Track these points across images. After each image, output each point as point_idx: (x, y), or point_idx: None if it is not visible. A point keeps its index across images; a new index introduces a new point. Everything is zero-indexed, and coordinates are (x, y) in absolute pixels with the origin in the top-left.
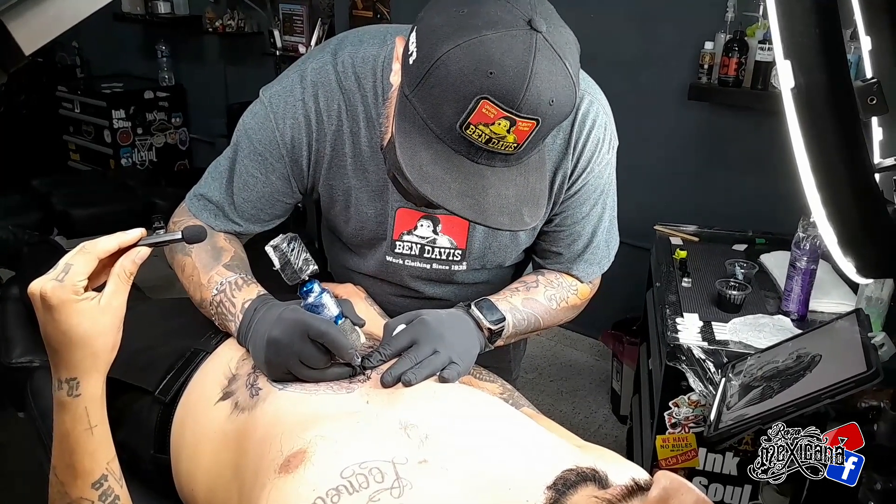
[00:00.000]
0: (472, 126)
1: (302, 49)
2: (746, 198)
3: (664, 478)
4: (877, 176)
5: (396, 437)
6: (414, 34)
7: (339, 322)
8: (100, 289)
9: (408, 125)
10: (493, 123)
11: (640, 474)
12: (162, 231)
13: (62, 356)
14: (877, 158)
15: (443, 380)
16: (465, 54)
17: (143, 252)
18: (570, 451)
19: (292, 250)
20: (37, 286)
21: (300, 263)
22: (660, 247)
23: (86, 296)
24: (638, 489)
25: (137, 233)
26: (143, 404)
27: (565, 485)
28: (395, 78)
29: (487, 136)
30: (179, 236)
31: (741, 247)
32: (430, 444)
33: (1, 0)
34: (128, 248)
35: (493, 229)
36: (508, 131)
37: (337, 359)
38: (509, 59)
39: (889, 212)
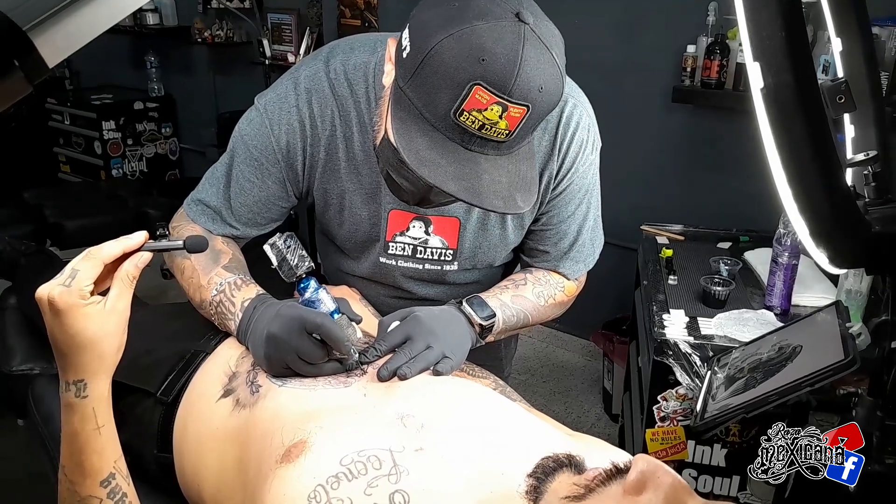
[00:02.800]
0: (465, 113)
1: (291, 58)
2: (730, 196)
3: (642, 460)
4: (850, 171)
5: (393, 426)
6: (407, 30)
7: (336, 317)
8: (105, 293)
9: (403, 114)
10: (485, 109)
11: (625, 459)
12: (165, 239)
13: (70, 359)
14: (849, 154)
15: (437, 373)
16: (457, 43)
17: (146, 256)
18: (560, 438)
19: (289, 248)
20: (44, 291)
21: (296, 260)
22: (646, 246)
23: (92, 300)
24: (617, 472)
25: (140, 238)
26: (146, 406)
27: (544, 472)
28: (387, 79)
29: (481, 123)
30: (181, 244)
31: (726, 244)
32: (426, 433)
33: (27, 17)
34: (131, 252)
35: (488, 212)
36: (501, 117)
37: (334, 354)
38: (500, 47)
39: (860, 205)
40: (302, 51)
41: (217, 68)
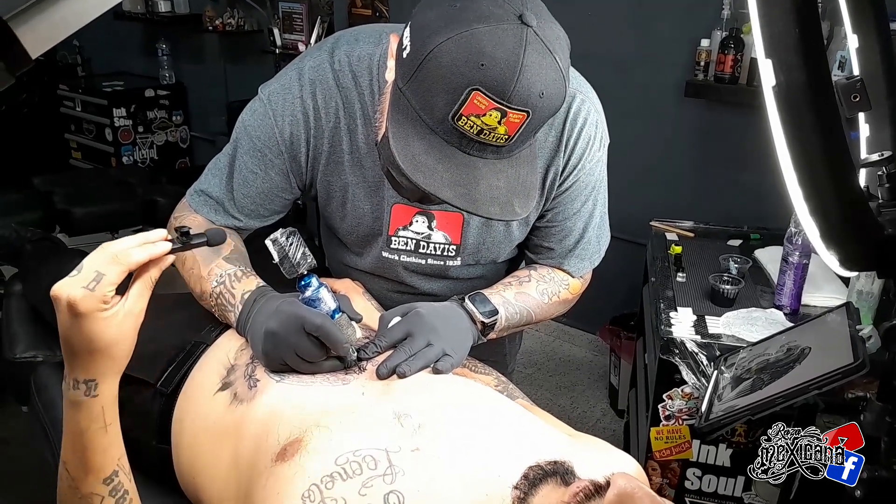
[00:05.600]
0: (463, 117)
1: (301, 47)
2: (742, 193)
3: (621, 479)
4: (863, 171)
5: (390, 426)
6: (408, 29)
7: (336, 316)
8: (120, 290)
9: (401, 117)
10: (484, 114)
11: (627, 465)
12: (188, 238)
13: (81, 359)
14: (863, 154)
15: (436, 371)
16: (456, 46)
17: (169, 259)
18: (560, 439)
19: (290, 244)
20: (64, 291)
21: (298, 258)
22: (655, 242)
23: (112, 302)
24: (597, 491)
25: (165, 244)
26: (146, 396)
27: (531, 483)
28: (390, 74)
29: (479, 128)
30: (204, 240)
31: (736, 242)
32: (423, 432)
33: (9, 6)
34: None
35: (485, 219)
36: (500, 123)
37: (333, 352)
38: (500, 52)
39: (874, 206)
40: (312, 39)
41: (228, 57)
